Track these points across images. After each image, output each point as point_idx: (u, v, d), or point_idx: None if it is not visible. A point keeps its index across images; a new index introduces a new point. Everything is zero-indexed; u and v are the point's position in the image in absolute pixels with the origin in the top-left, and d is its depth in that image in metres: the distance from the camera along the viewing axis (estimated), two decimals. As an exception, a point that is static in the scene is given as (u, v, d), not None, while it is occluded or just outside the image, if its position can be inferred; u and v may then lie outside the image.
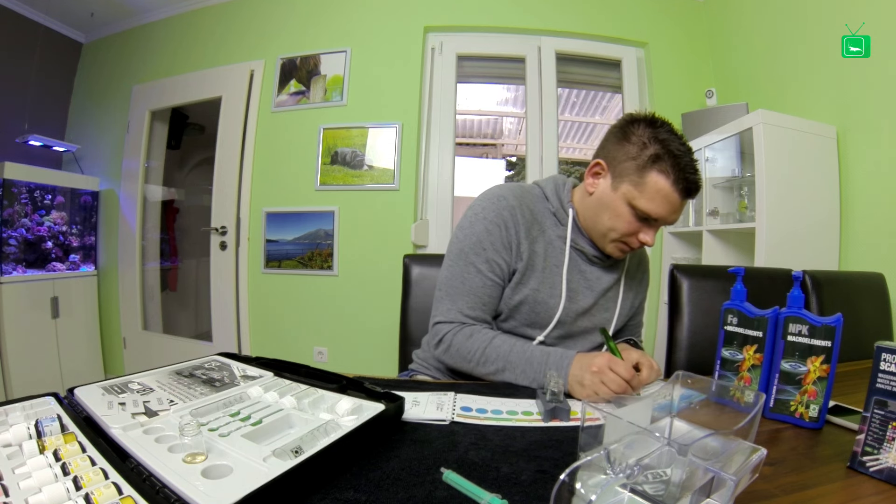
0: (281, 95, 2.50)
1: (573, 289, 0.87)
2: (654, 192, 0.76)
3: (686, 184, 0.75)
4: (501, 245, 0.83)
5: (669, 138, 0.76)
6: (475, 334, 0.80)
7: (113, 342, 2.87)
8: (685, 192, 0.76)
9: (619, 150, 0.80)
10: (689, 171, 0.75)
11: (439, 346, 0.84)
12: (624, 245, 0.83)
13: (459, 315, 0.83)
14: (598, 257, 0.89)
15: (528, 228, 0.85)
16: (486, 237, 0.83)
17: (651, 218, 0.78)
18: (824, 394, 0.58)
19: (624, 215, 0.79)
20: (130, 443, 0.44)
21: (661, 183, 0.75)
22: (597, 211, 0.83)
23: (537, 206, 0.89)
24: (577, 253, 0.89)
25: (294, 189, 2.46)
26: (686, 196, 0.77)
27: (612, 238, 0.83)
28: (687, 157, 0.76)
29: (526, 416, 0.61)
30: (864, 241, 1.57)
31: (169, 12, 2.80)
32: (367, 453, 0.49)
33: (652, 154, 0.76)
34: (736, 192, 1.88)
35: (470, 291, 0.83)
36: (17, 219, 2.47)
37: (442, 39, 2.44)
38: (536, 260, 0.85)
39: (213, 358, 0.76)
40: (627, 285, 0.95)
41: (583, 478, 0.35)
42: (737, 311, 0.68)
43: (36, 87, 2.75)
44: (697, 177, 0.77)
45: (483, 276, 0.83)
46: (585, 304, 0.89)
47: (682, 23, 2.46)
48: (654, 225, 0.80)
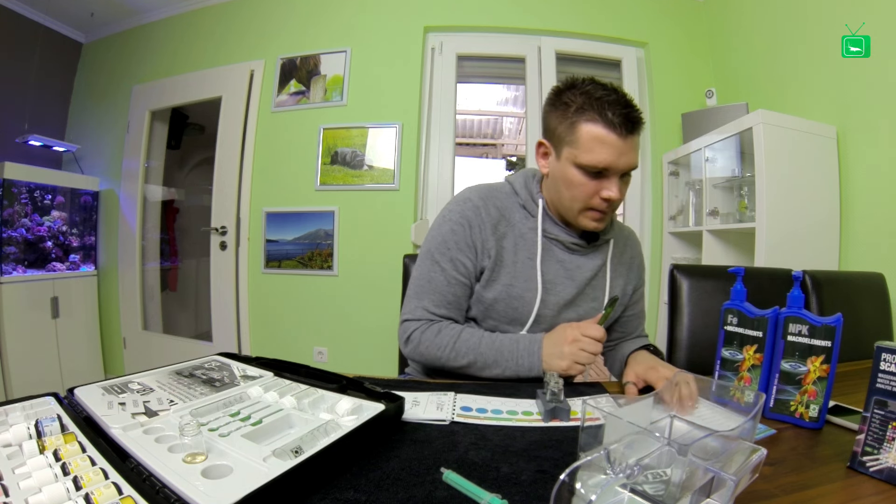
0: (281, 95, 2.50)
1: (550, 280, 0.86)
2: (590, 141, 0.74)
3: (618, 119, 0.73)
4: (465, 244, 0.84)
5: (590, 88, 0.75)
6: (443, 330, 0.82)
7: (113, 342, 2.87)
8: (621, 127, 0.73)
9: (552, 122, 0.80)
10: (617, 106, 0.73)
11: (408, 343, 0.84)
12: (593, 211, 0.80)
13: (426, 313, 0.84)
14: (576, 244, 0.87)
15: (494, 225, 0.85)
16: (451, 237, 0.84)
17: (601, 169, 0.75)
18: (824, 394, 0.58)
19: (576, 179, 0.78)
20: (130, 443, 0.44)
21: (593, 129, 0.74)
22: (556, 188, 0.83)
23: (505, 202, 0.88)
24: (553, 242, 0.87)
25: (294, 189, 2.46)
26: (625, 132, 0.73)
27: (579, 208, 0.80)
28: (612, 95, 0.74)
29: (526, 416, 0.61)
30: (864, 241, 1.57)
31: (169, 12, 2.80)
32: (367, 453, 0.49)
33: (576, 108, 0.75)
34: (736, 192, 1.88)
35: (435, 290, 0.84)
36: (17, 219, 2.47)
37: (442, 39, 2.44)
38: (505, 255, 0.85)
39: (213, 358, 0.76)
40: (615, 271, 0.93)
41: (583, 478, 0.35)
42: (737, 311, 0.68)
43: (36, 87, 2.75)
44: (630, 110, 0.73)
45: (447, 274, 0.84)
46: (567, 295, 0.87)
47: (682, 23, 2.46)
48: (610, 177, 0.76)
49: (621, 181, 0.78)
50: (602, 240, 0.90)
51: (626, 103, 0.74)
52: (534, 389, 0.69)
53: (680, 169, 2.26)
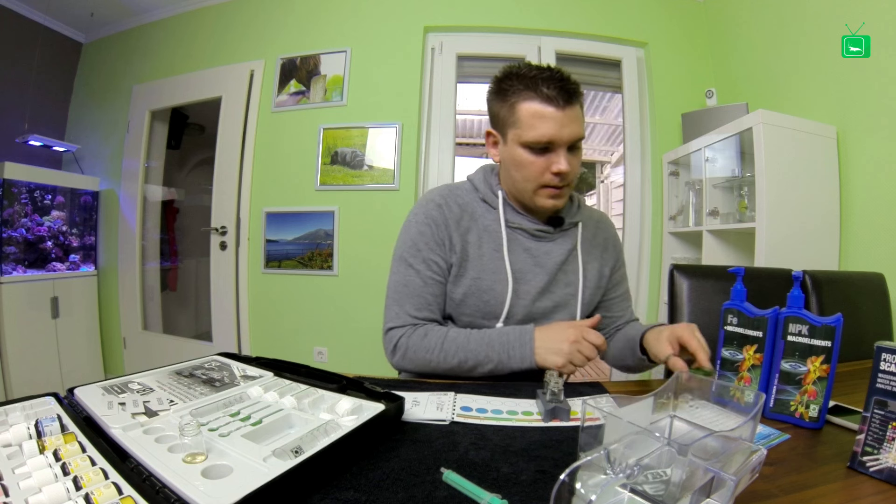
0: (281, 95, 2.50)
1: (519, 269, 0.86)
2: (530, 118, 0.76)
3: (553, 91, 0.74)
4: (434, 243, 0.85)
5: (525, 71, 0.77)
6: (429, 332, 0.81)
7: (113, 342, 2.87)
8: (557, 99, 0.74)
9: (494, 109, 0.82)
10: (551, 81, 0.74)
11: (396, 352, 0.83)
12: (547, 189, 0.80)
13: (408, 318, 0.83)
14: (542, 231, 0.88)
15: (457, 222, 0.86)
16: (420, 238, 0.85)
17: (546, 144, 0.76)
18: (824, 394, 0.58)
19: (525, 159, 0.79)
20: (130, 443, 0.44)
21: (531, 106, 0.76)
22: (509, 174, 0.84)
23: (466, 198, 0.89)
24: (517, 232, 0.88)
25: (294, 189, 2.46)
26: (562, 103, 0.74)
27: (532, 188, 0.81)
28: (546, 72, 0.76)
29: (526, 416, 0.61)
30: (864, 241, 1.57)
31: (169, 12, 2.80)
32: (367, 453, 0.49)
33: (513, 91, 0.77)
34: (736, 192, 1.88)
35: (413, 293, 0.84)
36: (17, 219, 2.47)
37: (442, 39, 2.44)
38: (470, 250, 0.86)
39: (213, 358, 0.76)
40: (588, 254, 0.93)
41: (583, 478, 0.35)
42: (737, 311, 0.68)
43: (36, 87, 2.75)
44: (565, 83, 0.75)
45: (423, 275, 0.84)
46: (539, 284, 0.87)
47: (682, 23, 2.46)
48: (556, 150, 0.77)
49: (570, 154, 0.79)
50: (569, 224, 0.91)
51: (560, 77, 0.76)
52: (534, 389, 0.69)
53: (680, 169, 2.26)
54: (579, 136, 0.78)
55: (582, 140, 0.80)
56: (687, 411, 0.53)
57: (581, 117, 0.79)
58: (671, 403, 0.53)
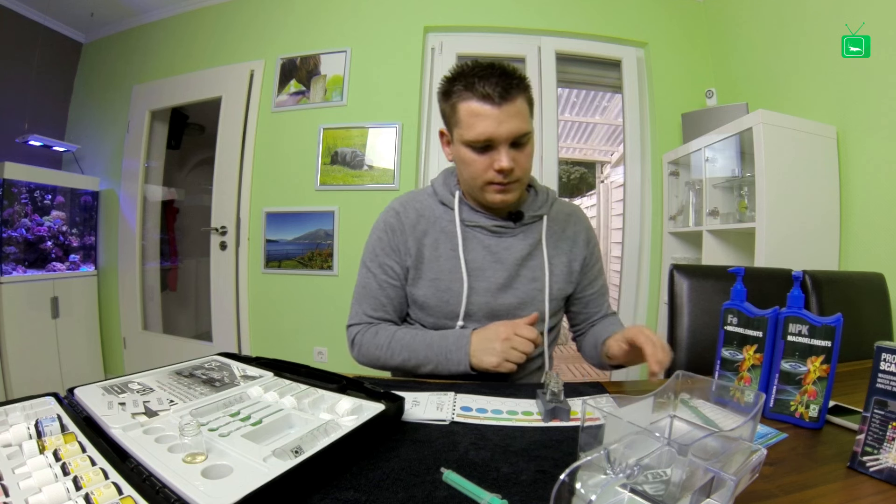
0: (281, 95, 2.50)
1: (477, 267, 0.87)
2: (468, 118, 0.76)
3: (489, 89, 0.74)
4: (390, 248, 0.89)
5: (466, 70, 0.78)
6: (380, 331, 0.86)
7: (113, 342, 2.87)
8: (493, 97, 0.74)
9: (442, 109, 0.84)
10: (488, 78, 0.74)
11: (353, 347, 0.89)
12: (493, 185, 0.81)
13: (364, 317, 0.89)
14: (501, 226, 0.88)
15: (413, 227, 0.89)
16: (378, 244, 0.90)
17: (485, 142, 0.77)
18: (824, 394, 0.58)
19: (468, 157, 0.80)
20: (130, 443, 0.44)
21: (469, 106, 0.76)
22: (460, 172, 0.86)
23: (425, 202, 0.92)
24: (476, 230, 0.89)
25: (294, 189, 2.46)
26: (499, 100, 0.74)
27: (479, 185, 0.82)
28: (485, 70, 0.75)
29: (526, 416, 0.61)
30: (864, 241, 1.57)
31: (169, 12, 2.80)
32: (367, 453, 0.49)
33: (455, 91, 0.78)
34: (736, 192, 1.88)
35: (370, 294, 0.89)
36: (17, 219, 2.47)
37: (442, 39, 2.45)
38: (426, 252, 0.88)
39: (213, 358, 0.76)
40: (555, 248, 0.92)
41: (583, 478, 0.35)
42: (737, 311, 0.68)
43: (36, 87, 2.75)
44: (502, 78, 0.74)
45: (378, 279, 0.89)
46: (498, 279, 0.87)
47: (682, 23, 2.46)
48: (497, 147, 0.77)
49: (517, 150, 0.78)
50: (531, 217, 0.90)
51: (499, 73, 0.75)
52: (534, 389, 0.69)
53: (680, 169, 2.26)
54: (520, 131, 0.77)
55: (527, 135, 0.78)
56: (689, 411, 0.53)
57: (523, 112, 0.77)
58: (671, 403, 0.53)
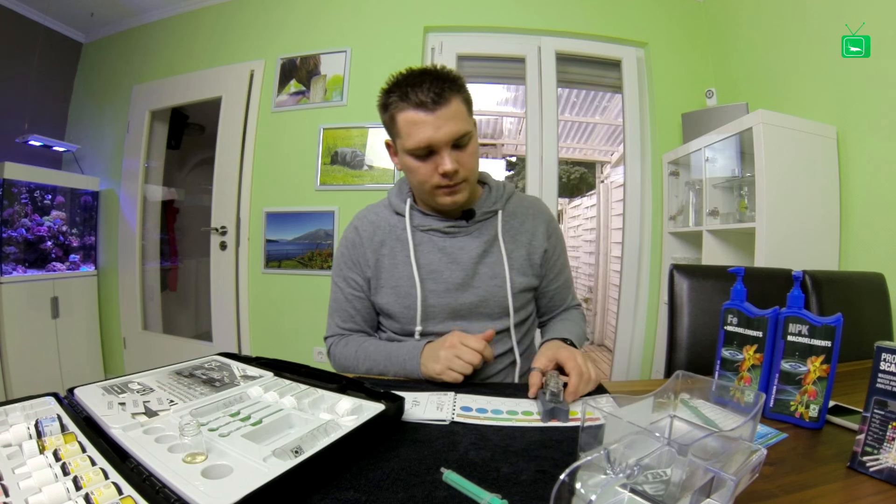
0: (281, 95, 2.50)
1: (433, 269, 0.88)
2: (406, 125, 0.78)
3: (422, 97, 0.75)
4: (352, 262, 0.93)
5: (400, 79, 0.79)
6: (350, 343, 0.90)
7: (113, 342, 2.87)
8: (426, 103, 0.75)
9: (383, 121, 0.85)
10: (420, 86, 0.75)
11: (330, 358, 0.94)
12: (441, 189, 0.82)
13: (337, 328, 0.94)
14: (453, 227, 0.89)
15: (370, 238, 0.92)
16: (341, 259, 0.94)
17: (426, 149, 0.78)
18: (824, 394, 0.58)
19: (413, 165, 0.81)
20: (130, 443, 0.44)
21: (406, 116, 0.77)
22: (409, 180, 0.87)
23: (381, 214, 0.95)
24: (429, 233, 0.90)
25: (294, 189, 2.46)
26: (432, 105, 0.75)
27: (428, 190, 0.83)
28: (416, 77, 0.77)
29: (526, 416, 0.61)
30: (864, 241, 1.57)
31: (169, 12, 2.80)
32: (367, 453, 0.49)
33: (391, 103, 0.79)
34: (736, 192, 1.88)
35: (339, 308, 0.94)
36: (17, 219, 2.47)
37: (442, 39, 2.45)
38: (384, 262, 0.91)
39: (213, 358, 0.76)
40: (513, 241, 0.92)
41: (583, 478, 0.35)
42: (737, 311, 0.68)
43: (36, 87, 2.75)
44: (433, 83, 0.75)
45: (345, 292, 0.93)
46: (456, 279, 0.88)
47: (682, 23, 2.46)
48: (439, 152, 0.78)
49: (459, 150, 0.79)
50: (483, 214, 0.91)
51: (431, 79, 0.76)
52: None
53: (680, 169, 2.26)
54: (458, 133, 0.77)
55: (466, 135, 0.79)
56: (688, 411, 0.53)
57: (460, 113, 0.78)
58: (671, 403, 0.53)
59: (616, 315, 2.48)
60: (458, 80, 0.80)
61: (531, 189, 2.37)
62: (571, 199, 5.59)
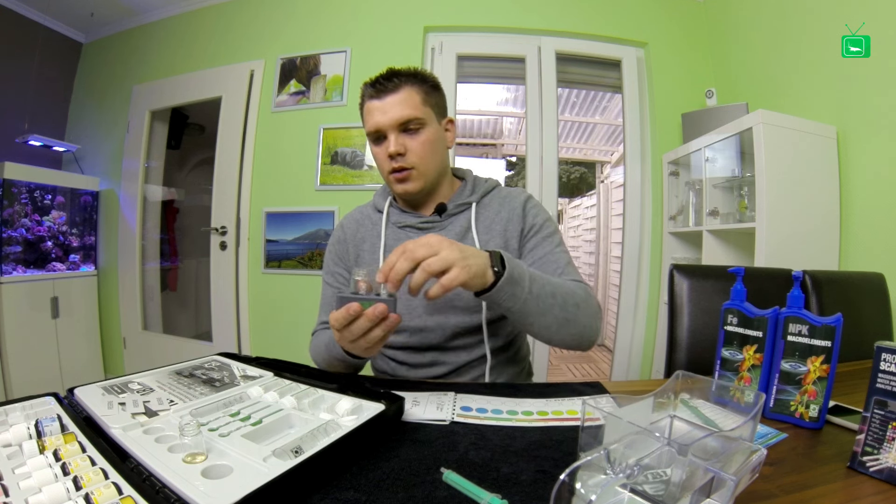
0: (281, 95, 2.50)
1: None
2: (365, 115, 0.87)
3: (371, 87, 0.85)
4: (338, 257, 0.97)
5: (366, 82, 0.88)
6: (321, 335, 0.90)
7: (113, 342, 2.87)
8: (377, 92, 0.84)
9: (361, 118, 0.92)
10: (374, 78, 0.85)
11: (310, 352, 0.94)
12: (394, 174, 0.87)
13: (319, 325, 0.96)
14: (427, 222, 0.91)
15: (353, 235, 0.97)
16: (329, 257, 0.99)
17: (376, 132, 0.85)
18: (824, 394, 0.58)
19: (373, 151, 0.89)
20: (130, 443, 0.44)
21: (365, 106, 0.87)
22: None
23: (365, 212, 1.00)
24: (405, 230, 0.92)
25: (294, 189, 2.46)
26: (378, 93, 0.84)
27: (386, 177, 0.89)
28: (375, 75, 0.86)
29: (526, 416, 0.61)
30: (864, 241, 1.57)
31: (169, 12, 2.80)
32: (367, 453, 0.49)
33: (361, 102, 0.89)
34: (736, 192, 1.88)
35: (327, 303, 0.97)
36: (17, 219, 2.47)
37: (442, 39, 2.45)
38: (365, 256, 0.94)
39: (213, 358, 0.76)
40: (487, 232, 0.90)
41: (583, 478, 0.35)
42: (737, 311, 0.68)
43: (36, 87, 2.75)
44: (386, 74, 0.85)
45: (332, 287, 0.96)
46: None
47: (682, 23, 2.46)
48: (388, 136, 0.85)
49: (408, 136, 0.85)
50: (456, 207, 0.92)
51: (387, 73, 0.85)
52: (534, 390, 0.69)
53: (680, 169, 2.26)
54: (404, 117, 0.83)
55: (414, 120, 0.84)
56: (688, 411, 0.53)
57: (410, 100, 0.84)
58: (671, 403, 0.53)
59: (616, 315, 2.48)
60: (420, 74, 0.87)
61: (531, 189, 2.37)
62: (571, 199, 5.60)
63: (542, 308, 0.70)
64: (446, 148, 0.94)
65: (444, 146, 0.93)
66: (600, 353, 4.28)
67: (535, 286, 0.69)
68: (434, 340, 0.89)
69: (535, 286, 0.69)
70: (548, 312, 0.71)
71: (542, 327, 0.72)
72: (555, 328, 0.73)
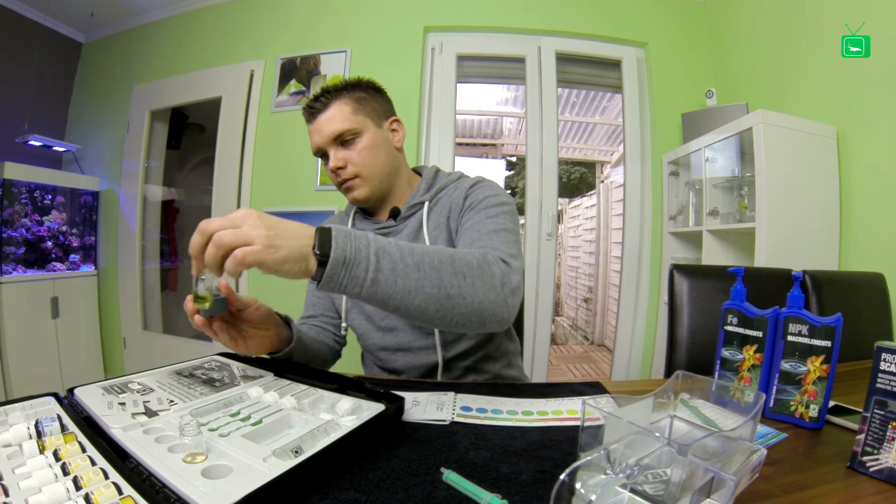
0: (281, 95, 2.50)
1: None
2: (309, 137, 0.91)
3: (305, 112, 0.88)
4: None
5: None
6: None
7: (113, 342, 2.87)
8: (309, 115, 0.88)
9: None
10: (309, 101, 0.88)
11: None
12: (341, 185, 0.90)
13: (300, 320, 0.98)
14: (383, 227, 0.93)
15: None
16: None
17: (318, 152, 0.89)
18: (824, 394, 0.58)
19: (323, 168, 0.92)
20: (130, 443, 0.44)
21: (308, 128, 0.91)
22: None
23: (341, 219, 1.03)
24: None
25: (294, 189, 2.45)
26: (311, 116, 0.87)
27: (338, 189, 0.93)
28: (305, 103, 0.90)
29: (526, 416, 0.61)
30: (864, 241, 1.57)
31: (169, 12, 2.80)
32: (367, 453, 0.49)
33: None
34: (736, 192, 1.88)
35: (307, 301, 1.01)
36: (17, 219, 2.47)
37: (442, 39, 2.44)
38: None
39: (213, 358, 0.76)
40: (436, 228, 0.88)
41: (583, 478, 0.35)
42: (737, 311, 0.68)
43: (36, 87, 2.75)
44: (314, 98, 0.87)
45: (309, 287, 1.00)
46: None
47: (682, 23, 2.46)
48: (329, 152, 0.88)
49: (347, 149, 0.87)
50: (409, 209, 0.93)
51: (319, 94, 0.87)
52: (534, 390, 0.69)
53: (680, 169, 2.26)
54: (336, 131, 0.85)
55: (347, 132, 0.86)
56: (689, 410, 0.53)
57: (339, 114, 0.86)
58: (671, 403, 0.53)
59: (616, 315, 2.48)
60: (350, 84, 0.89)
61: (531, 189, 2.37)
62: (571, 199, 5.60)
63: (404, 288, 0.56)
64: (394, 148, 0.95)
65: (390, 147, 0.93)
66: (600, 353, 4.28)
67: (384, 262, 0.55)
68: (405, 341, 0.90)
69: (386, 262, 0.55)
70: (414, 292, 0.56)
71: (416, 311, 0.58)
72: (433, 310, 0.58)
